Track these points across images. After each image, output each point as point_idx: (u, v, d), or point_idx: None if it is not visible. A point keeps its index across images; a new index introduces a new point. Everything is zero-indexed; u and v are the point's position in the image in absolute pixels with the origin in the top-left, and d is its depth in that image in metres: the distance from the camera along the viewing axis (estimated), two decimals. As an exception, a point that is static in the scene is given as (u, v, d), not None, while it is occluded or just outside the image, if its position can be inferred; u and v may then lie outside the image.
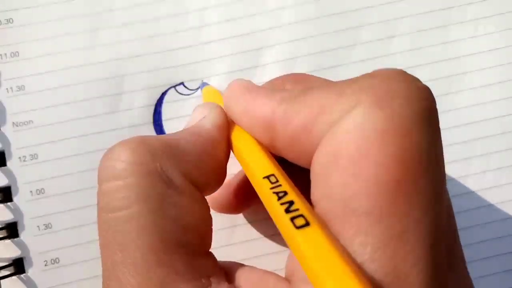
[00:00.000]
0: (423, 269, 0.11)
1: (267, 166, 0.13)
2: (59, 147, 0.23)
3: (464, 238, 0.24)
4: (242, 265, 0.14)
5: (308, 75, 0.19)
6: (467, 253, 0.24)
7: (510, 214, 0.24)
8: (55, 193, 0.23)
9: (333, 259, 0.10)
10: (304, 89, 0.14)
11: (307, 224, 0.11)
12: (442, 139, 0.25)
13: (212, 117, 0.16)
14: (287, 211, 0.11)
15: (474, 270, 0.24)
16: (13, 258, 0.23)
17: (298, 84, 0.17)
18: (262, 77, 0.24)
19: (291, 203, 0.12)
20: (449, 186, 0.24)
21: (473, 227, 0.24)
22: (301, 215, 0.11)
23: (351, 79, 0.13)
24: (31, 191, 0.23)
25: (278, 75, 0.24)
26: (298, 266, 0.11)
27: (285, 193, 0.12)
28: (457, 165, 0.24)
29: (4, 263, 0.22)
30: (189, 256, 0.13)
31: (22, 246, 0.23)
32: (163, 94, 0.24)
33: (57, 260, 0.23)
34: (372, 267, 0.11)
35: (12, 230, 0.23)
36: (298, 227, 0.11)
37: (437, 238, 0.11)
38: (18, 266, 0.23)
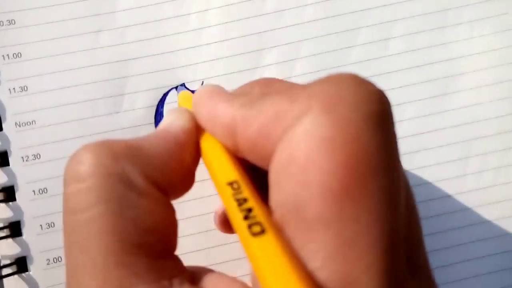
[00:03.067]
0: (376, 275, 0.10)
1: (230, 172, 0.13)
2: (61, 147, 0.23)
3: (462, 237, 0.24)
4: (210, 270, 0.14)
5: (277, 79, 0.19)
6: (465, 252, 0.24)
7: (508, 213, 0.25)
8: (58, 193, 0.23)
9: (283, 267, 0.10)
10: (263, 94, 0.14)
11: (262, 231, 0.11)
12: (439, 139, 0.25)
13: (180, 121, 0.16)
14: (246, 217, 0.12)
15: (471, 269, 0.24)
16: (16, 257, 0.23)
17: (264, 90, 0.17)
18: (262, 78, 0.24)
19: (249, 210, 0.12)
20: (446, 186, 0.24)
21: (471, 226, 0.24)
22: (258, 223, 0.11)
23: (307, 84, 0.13)
24: (33, 191, 0.23)
25: (277, 76, 0.24)
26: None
27: (245, 200, 0.12)
28: (454, 165, 0.25)
29: (7, 261, 0.23)
30: (150, 258, 0.13)
31: (25, 245, 0.23)
32: (165, 95, 0.24)
33: (59, 259, 0.23)
34: (324, 274, 0.11)
35: (15, 229, 0.23)
36: (254, 234, 0.11)
37: (392, 243, 0.11)
38: (20, 264, 0.23)
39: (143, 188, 0.13)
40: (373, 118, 0.12)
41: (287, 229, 0.12)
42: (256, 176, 0.14)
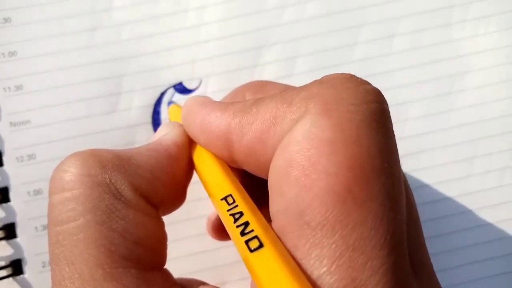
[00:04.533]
0: (382, 278, 0.10)
1: (225, 187, 0.13)
2: (57, 147, 0.23)
3: (468, 239, 0.24)
4: (202, 282, 0.14)
5: (269, 82, 0.19)
6: (472, 254, 0.24)
7: (513, 215, 0.24)
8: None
9: (284, 282, 0.10)
10: (257, 100, 0.13)
11: (260, 246, 0.11)
12: (444, 139, 0.25)
13: (172, 135, 0.16)
14: (242, 233, 0.11)
15: (477, 271, 0.24)
16: (11, 259, 0.22)
17: (256, 94, 0.17)
18: (261, 76, 0.24)
19: (246, 224, 0.12)
20: (452, 187, 0.24)
21: (477, 228, 0.24)
22: (255, 237, 0.11)
23: (302, 86, 0.13)
24: (28, 192, 0.23)
25: (277, 75, 0.24)
26: None
27: (241, 214, 0.12)
28: (459, 165, 0.24)
29: (1, 264, 0.22)
30: (139, 271, 0.12)
31: (19, 247, 0.22)
32: (162, 94, 0.24)
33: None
34: (330, 281, 0.10)
35: (9, 231, 0.22)
36: (252, 250, 0.11)
37: (396, 244, 0.11)
38: (15, 267, 0.22)
39: (131, 200, 0.13)
40: (373, 117, 0.12)
41: (289, 238, 0.11)
42: (253, 186, 0.14)
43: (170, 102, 0.24)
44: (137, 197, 0.13)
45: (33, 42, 0.23)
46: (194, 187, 0.17)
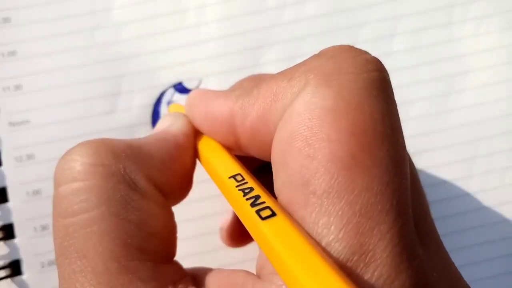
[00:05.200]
0: (390, 243, 0.10)
1: (233, 167, 0.13)
2: (56, 147, 0.23)
3: (469, 238, 0.24)
4: (209, 269, 0.14)
5: (265, 73, 0.19)
6: (472, 254, 0.24)
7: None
8: (52, 194, 0.23)
9: (299, 245, 0.10)
10: (259, 83, 0.14)
11: (273, 214, 0.11)
12: (445, 139, 0.25)
13: (178, 125, 0.16)
14: (253, 205, 0.11)
15: (479, 271, 0.24)
16: (9, 260, 0.22)
17: (254, 82, 0.17)
18: (262, 76, 0.24)
19: (257, 197, 0.12)
20: (452, 186, 0.24)
21: (478, 228, 0.24)
22: (267, 207, 0.11)
23: (301, 62, 0.13)
24: (27, 192, 0.23)
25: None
26: (266, 261, 0.11)
27: (251, 189, 0.12)
28: (461, 165, 0.24)
29: (0, 266, 0.22)
30: (154, 263, 0.12)
31: (18, 248, 0.22)
32: (162, 93, 0.24)
33: (54, 262, 0.22)
34: (339, 247, 0.10)
35: (8, 232, 0.22)
36: (263, 218, 0.11)
37: (401, 210, 0.11)
38: (14, 268, 0.22)
39: (146, 190, 0.13)
40: (374, 85, 0.12)
41: (296, 209, 0.11)
42: (261, 180, 0.14)
43: (169, 102, 0.24)
44: (151, 187, 0.13)
45: (32, 42, 0.23)
46: (195, 188, 0.16)
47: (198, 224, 0.23)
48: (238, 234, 0.20)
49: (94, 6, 0.23)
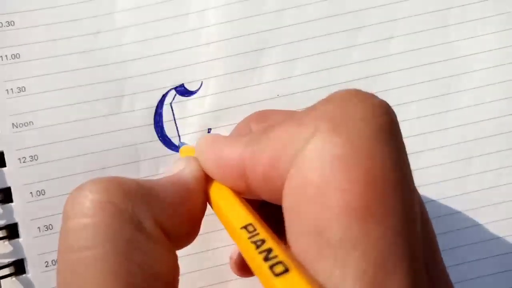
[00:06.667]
0: None
1: (244, 216, 0.13)
2: (59, 149, 0.23)
3: (464, 238, 0.24)
4: None
5: (272, 110, 0.19)
6: (466, 254, 0.24)
7: (510, 214, 0.24)
8: (56, 195, 0.23)
9: None
10: (267, 128, 0.14)
11: (286, 270, 0.11)
12: (441, 139, 0.25)
13: (190, 169, 0.16)
14: (266, 259, 0.11)
15: (472, 270, 0.24)
16: (13, 259, 0.23)
17: (261, 123, 0.17)
18: (261, 78, 0.24)
19: (269, 250, 0.11)
20: (448, 187, 0.24)
21: (473, 228, 0.24)
22: (280, 262, 0.11)
23: (309, 107, 0.13)
24: (31, 192, 0.23)
25: (277, 77, 0.24)
26: None
27: (263, 241, 0.12)
28: (457, 166, 0.24)
29: (4, 263, 0.22)
30: None
31: (22, 247, 0.23)
32: (164, 95, 0.24)
33: (57, 261, 0.23)
34: None
35: (12, 231, 0.23)
36: (277, 275, 0.11)
37: (414, 257, 0.11)
38: (18, 267, 0.23)
39: (152, 232, 0.13)
40: (384, 131, 0.12)
41: (310, 260, 0.11)
42: (271, 218, 0.14)
43: (181, 144, 0.24)
44: (158, 230, 0.13)
45: (36, 45, 0.24)
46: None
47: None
48: (247, 265, 0.20)
49: (97, 10, 0.24)
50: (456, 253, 0.24)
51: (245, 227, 0.13)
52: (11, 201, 0.23)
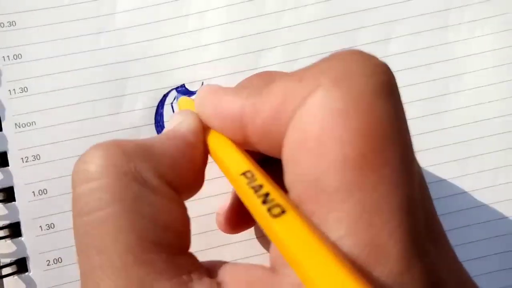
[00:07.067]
0: (400, 238, 0.11)
1: (243, 163, 0.14)
2: (61, 148, 0.23)
3: (462, 237, 0.24)
4: (224, 262, 0.14)
5: (274, 71, 0.19)
6: (465, 252, 0.24)
7: (507, 213, 0.24)
8: (58, 194, 0.23)
9: (310, 241, 0.10)
10: (269, 82, 0.14)
11: (282, 212, 0.11)
12: (439, 140, 0.25)
13: (187, 122, 0.16)
14: (264, 202, 0.12)
15: (471, 269, 0.24)
16: (16, 258, 0.23)
17: (264, 79, 0.17)
18: (262, 79, 0.24)
19: (267, 194, 0.12)
20: (446, 186, 0.24)
21: (470, 226, 0.24)
22: (277, 205, 0.12)
23: (311, 64, 0.13)
24: (33, 192, 0.23)
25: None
26: (280, 254, 0.12)
27: (261, 186, 0.12)
28: (454, 165, 0.25)
29: (6, 262, 0.23)
30: (168, 256, 0.13)
31: (24, 246, 0.23)
32: (165, 96, 0.24)
33: (59, 260, 0.23)
34: (349, 242, 0.11)
35: (15, 230, 0.23)
36: (275, 216, 0.11)
37: (411, 207, 0.11)
38: (20, 265, 0.23)
39: (157, 186, 0.13)
40: (383, 88, 0.12)
41: (306, 204, 0.12)
42: (267, 170, 0.14)
43: (178, 94, 0.24)
44: (162, 184, 0.14)
45: (38, 45, 0.24)
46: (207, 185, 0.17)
47: (201, 222, 0.23)
48: (235, 220, 0.20)
49: (98, 10, 0.24)
50: (455, 252, 0.24)
51: (244, 174, 0.13)
52: (14, 200, 0.23)
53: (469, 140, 0.25)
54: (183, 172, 0.15)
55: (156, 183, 0.13)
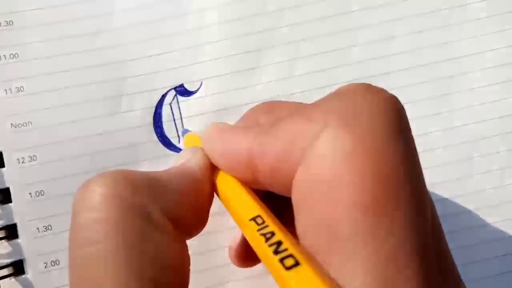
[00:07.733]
0: (417, 285, 0.10)
1: (253, 208, 0.13)
2: (58, 149, 0.23)
3: (466, 238, 0.24)
4: None
5: (279, 102, 0.19)
6: (468, 254, 0.24)
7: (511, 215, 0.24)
8: (55, 195, 0.23)
9: None
10: (275, 121, 0.14)
11: (296, 264, 0.11)
12: (444, 139, 0.25)
13: (195, 159, 0.16)
14: (276, 252, 0.11)
15: (474, 271, 0.24)
16: (12, 260, 0.22)
17: (270, 115, 0.17)
18: (261, 78, 0.24)
19: (279, 243, 0.11)
20: (451, 187, 0.24)
21: (475, 228, 0.24)
22: (291, 255, 0.11)
23: (318, 101, 0.13)
24: (30, 193, 0.23)
25: (277, 77, 0.24)
26: None
27: (273, 233, 0.12)
28: (458, 166, 0.24)
29: (3, 264, 0.22)
30: None
31: (21, 247, 0.23)
32: (164, 95, 0.24)
33: (57, 262, 0.23)
34: None
35: (11, 232, 0.23)
36: (287, 268, 0.11)
37: (425, 250, 0.11)
38: (17, 267, 0.23)
39: (161, 223, 0.13)
40: (392, 126, 0.12)
41: (319, 252, 0.11)
42: (276, 207, 0.14)
43: (185, 131, 0.24)
44: (166, 221, 0.13)
45: (35, 45, 0.23)
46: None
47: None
48: (247, 254, 0.20)
49: (96, 9, 0.24)
50: (460, 253, 0.23)
51: (253, 219, 0.13)
52: (10, 201, 0.23)
53: (475, 140, 0.24)
54: (188, 210, 0.14)
55: (161, 220, 0.13)
